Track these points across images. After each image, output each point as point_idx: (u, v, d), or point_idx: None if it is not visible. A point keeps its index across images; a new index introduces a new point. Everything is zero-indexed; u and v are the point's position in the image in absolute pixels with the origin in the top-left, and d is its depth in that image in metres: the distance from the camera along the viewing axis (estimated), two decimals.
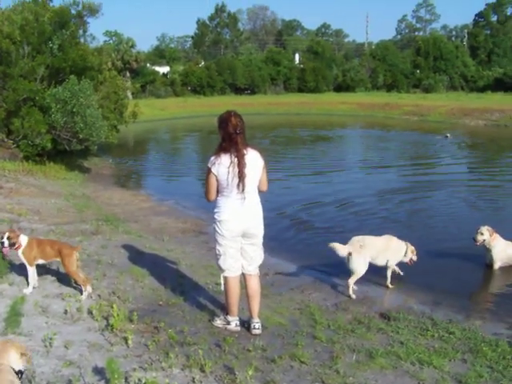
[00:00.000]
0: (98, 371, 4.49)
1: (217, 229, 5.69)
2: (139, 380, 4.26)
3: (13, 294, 6.20)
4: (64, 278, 6.91)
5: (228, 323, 5.89)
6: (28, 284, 6.38)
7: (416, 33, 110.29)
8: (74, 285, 6.67)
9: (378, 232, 8.87)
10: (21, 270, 6.97)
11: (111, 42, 65.68)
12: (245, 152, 5.49)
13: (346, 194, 15.98)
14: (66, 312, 5.83)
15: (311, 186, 18.14)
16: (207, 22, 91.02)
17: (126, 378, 4.35)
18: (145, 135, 38.13)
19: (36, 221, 10.64)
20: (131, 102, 25.25)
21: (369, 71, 75.96)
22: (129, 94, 42.26)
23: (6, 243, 6.23)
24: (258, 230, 5.74)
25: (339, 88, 74.60)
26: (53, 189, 15.16)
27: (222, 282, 5.98)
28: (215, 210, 5.70)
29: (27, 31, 17.58)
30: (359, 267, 8.05)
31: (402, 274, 8.67)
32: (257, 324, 5.82)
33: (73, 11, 20.03)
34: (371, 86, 74.47)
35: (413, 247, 8.63)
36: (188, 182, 19.62)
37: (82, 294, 6.37)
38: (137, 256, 8.61)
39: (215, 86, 69.10)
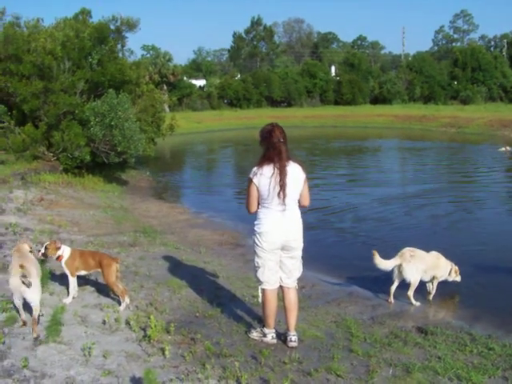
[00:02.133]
0: (136, 381, 4.54)
1: (256, 241, 5.70)
2: None
3: (53, 303, 6.31)
4: (103, 289, 7.01)
5: (264, 335, 5.88)
6: (68, 294, 6.49)
7: (453, 44, 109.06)
8: (113, 295, 6.75)
9: (417, 246, 8.77)
10: (61, 280, 7.11)
11: (148, 55, 66.67)
12: (287, 163, 5.52)
13: (387, 207, 15.91)
14: (104, 322, 5.90)
15: (349, 198, 18.05)
16: (243, 35, 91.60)
17: None
18: (181, 148, 38.48)
19: (75, 232, 10.80)
20: (168, 115, 25.55)
21: (405, 83, 75.40)
22: (166, 107, 42.74)
23: (42, 250, 6.50)
24: (298, 243, 5.72)
25: (376, 100, 74.26)
26: (91, 201, 15.39)
27: (260, 294, 5.97)
28: (255, 222, 5.70)
29: (68, 47, 17.97)
30: (414, 276, 8.10)
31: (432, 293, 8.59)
32: (293, 337, 5.80)
33: (112, 27, 20.41)
34: (408, 98, 73.95)
35: (457, 267, 8.58)
36: (224, 194, 19.69)
37: (120, 304, 6.45)
38: (174, 268, 8.67)
39: (251, 99, 69.46)
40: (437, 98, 72.02)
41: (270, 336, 5.86)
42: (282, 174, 5.46)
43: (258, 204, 5.66)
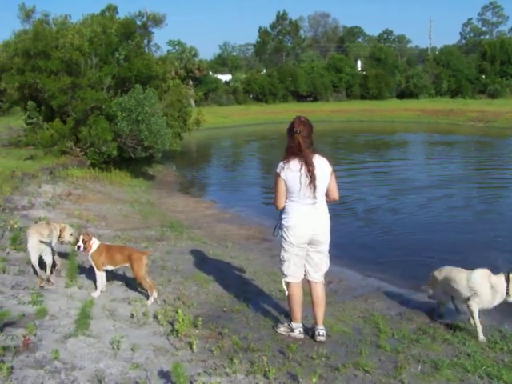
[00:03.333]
0: (164, 375, 4.55)
1: (284, 235, 5.68)
2: None
3: (82, 296, 6.37)
4: (130, 283, 7.06)
5: (292, 330, 5.87)
6: (96, 288, 6.54)
7: (482, 36, 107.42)
8: (140, 290, 6.80)
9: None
10: (90, 274, 7.17)
11: (174, 51, 66.86)
12: (312, 156, 5.50)
13: (418, 202, 15.81)
14: (132, 316, 5.94)
15: (377, 192, 17.98)
16: (269, 30, 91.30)
17: (190, 383, 4.39)
18: (207, 143, 38.57)
19: (103, 226, 10.90)
20: (194, 110, 25.58)
21: (432, 77, 74.50)
22: (192, 102, 42.83)
23: (82, 247, 6.45)
24: (325, 237, 5.70)
25: (402, 95, 73.53)
26: (118, 195, 15.51)
27: (285, 287, 5.93)
28: (283, 216, 5.68)
29: (95, 43, 18.11)
30: None
31: None
32: (321, 331, 5.77)
33: (138, 22, 20.44)
34: (435, 93, 73.03)
35: None
36: (251, 189, 19.69)
37: (147, 299, 6.48)
38: (201, 262, 8.71)
39: (277, 94, 69.28)
40: (464, 92, 71.01)
41: (298, 330, 5.84)
42: (310, 167, 5.43)
43: (286, 198, 5.63)
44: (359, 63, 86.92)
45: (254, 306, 6.71)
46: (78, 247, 6.43)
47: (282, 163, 5.55)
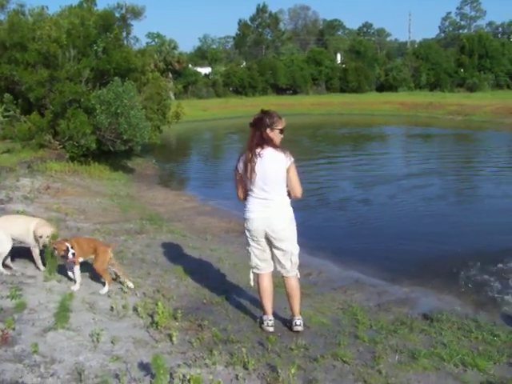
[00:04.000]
0: (144, 367, 4.57)
1: (244, 227, 5.73)
2: (184, 376, 4.31)
3: (61, 290, 6.34)
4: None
5: (262, 322, 5.88)
6: (75, 282, 6.52)
7: (460, 30, 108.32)
8: (119, 282, 6.81)
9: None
10: (67, 268, 7.16)
11: (153, 43, 66.49)
12: (260, 149, 5.45)
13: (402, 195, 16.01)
14: (112, 309, 5.94)
15: (354, 184, 18.13)
16: (249, 23, 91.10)
17: (170, 374, 4.41)
18: (187, 136, 38.47)
19: (82, 220, 10.84)
20: (174, 103, 25.50)
21: (411, 70, 74.97)
22: (171, 94, 42.66)
23: (71, 253, 6.30)
24: (282, 234, 5.57)
25: (382, 88, 73.90)
26: (97, 188, 15.43)
27: (251, 278, 5.93)
28: (244, 208, 5.72)
29: (73, 35, 17.93)
30: None
31: None
32: (298, 321, 5.79)
33: (117, 14, 20.34)
34: (414, 86, 73.53)
35: None
36: (231, 182, 19.62)
37: (125, 292, 6.49)
38: (180, 255, 8.73)
39: (257, 87, 69.27)
40: (443, 85, 71.62)
41: (266, 323, 5.82)
42: (251, 160, 5.43)
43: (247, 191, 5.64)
44: (339, 56, 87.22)
45: (234, 299, 6.76)
46: (73, 254, 6.30)
47: (240, 155, 5.60)
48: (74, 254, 6.28)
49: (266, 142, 5.45)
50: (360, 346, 5.60)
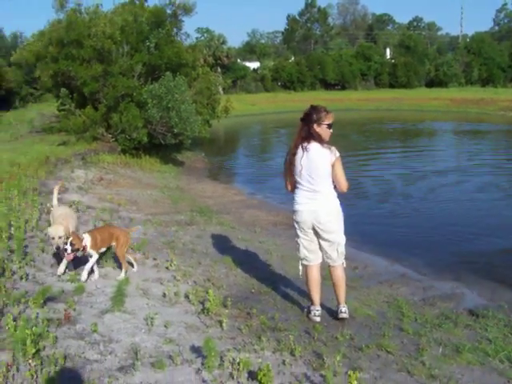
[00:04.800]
0: (195, 350, 4.79)
1: (293, 219, 5.91)
2: (233, 359, 4.52)
3: (116, 276, 6.64)
4: (161, 264, 7.35)
5: (309, 312, 6.02)
6: (91, 271, 6.52)
7: None
8: (171, 271, 7.08)
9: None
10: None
11: (203, 38, 67.05)
12: (306, 143, 5.60)
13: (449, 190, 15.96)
14: (164, 295, 6.20)
15: (403, 179, 18.12)
16: (297, 18, 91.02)
17: (220, 357, 4.62)
18: (235, 130, 38.80)
19: (134, 211, 11.19)
20: (223, 98, 25.78)
21: (463, 65, 73.73)
22: (220, 89, 43.03)
23: (69, 249, 6.08)
24: (328, 226, 5.71)
25: (431, 83, 72.99)
26: (148, 181, 15.82)
27: (300, 269, 6.10)
28: (292, 201, 5.89)
29: (127, 31, 18.43)
30: None
31: None
32: (343, 308, 5.91)
33: (168, 11, 20.74)
34: (465, 81, 72.33)
35: None
36: (278, 177, 19.77)
37: (176, 279, 6.73)
38: (230, 246, 8.95)
39: (305, 82, 69.30)
40: (496, 80, 70.20)
41: (313, 312, 5.96)
42: (300, 153, 5.60)
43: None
44: (388, 51, 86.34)
45: (281, 289, 6.92)
46: (65, 250, 6.07)
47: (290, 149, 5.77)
48: (65, 250, 6.09)
49: (312, 136, 5.60)
50: (404, 338, 5.69)
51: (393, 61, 77.69)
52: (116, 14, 19.34)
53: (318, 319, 5.92)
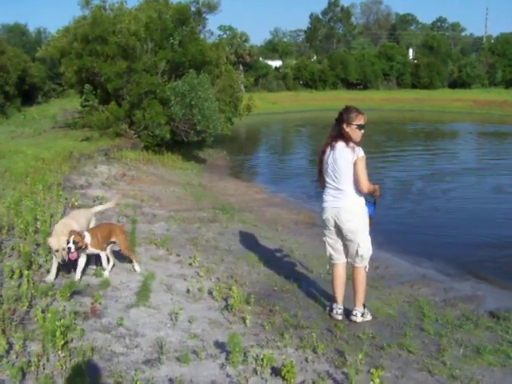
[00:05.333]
0: (219, 345, 4.85)
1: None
2: (257, 355, 4.57)
3: (140, 271, 6.72)
4: (185, 260, 7.42)
5: (331, 310, 6.08)
6: (107, 267, 6.49)
7: None
8: (195, 267, 7.14)
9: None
10: (145, 251, 7.57)
11: (225, 36, 67.18)
12: (334, 142, 5.68)
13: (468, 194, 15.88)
14: (188, 291, 6.27)
15: (424, 180, 18.05)
16: (320, 17, 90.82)
17: (244, 353, 4.67)
18: (257, 128, 38.84)
19: (157, 207, 11.28)
20: (245, 96, 25.83)
21: (486, 67, 73.03)
22: (242, 87, 43.11)
23: (73, 248, 5.87)
24: (349, 225, 5.73)
25: (454, 84, 72.46)
26: (171, 177, 15.91)
27: (328, 266, 6.19)
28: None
29: (151, 28, 18.56)
30: None
31: None
32: (354, 311, 5.95)
33: (192, 8, 20.85)
34: (488, 83, 71.64)
35: None
36: (300, 175, 19.83)
37: (199, 275, 6.79)
38: (252, 244, 8.99)
39: (327, 81, 69.21)
40: None
41: (335, 311, 6.02)
42: (327, 151, 5.72)
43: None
44: (411, 51, 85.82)
45: (304, 287, 6.96)
46: (69, 249, 5.85)
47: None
48: (69, 249, 5.87)
49: (341, 136, 5.65)
50: (425, 338, 5.71)
51: (415, 61, 77.32)
52: (140, 11, 19.47)
53: (339, 317, 5.98)
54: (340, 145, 5.63)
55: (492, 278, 8.60)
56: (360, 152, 5.59)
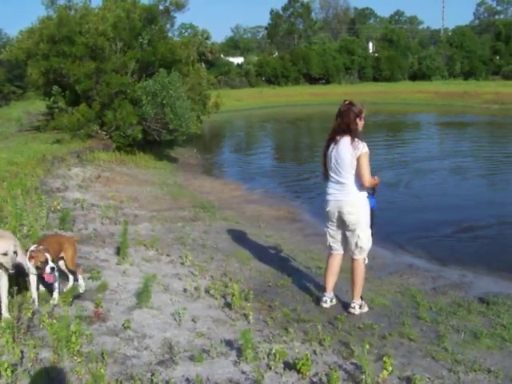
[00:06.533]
0: (227, 343, 4.88)
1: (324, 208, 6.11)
2: (269, 350, 4.60)
3: (134, 273, 6.70)
4: (176, 260, 7.43)
5: (320, 298, 6.25)
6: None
7: (496, 16, 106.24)
8: (187, 266, 7.15)
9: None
10: (135, 253, 7.54)
11: (186, 34, 66.92)
12: (339, 136, 5.79)
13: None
14: (185, 290, 6.28)
15: (400, 171, 18.35)
16: (281, 13, 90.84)
17: (254, 349, 4.70)
18: (224, 126, 38.81)
19: (137, 207, 11.22)
20: (213, 93, 25.77)
21: (445, 59, 74.12)
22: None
23: (49, 269, 5.10)
24: (351, 218, 5.85)
25: (414, 77, 73.30)
26: (145, 177, 15.83)
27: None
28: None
29: (119, 28, 18.36)
30: None
31: None
32: (352, 304, 6.08)
33: (161, 7, 20.71)
34: (448, 74, 72.68)
35: None
36: (272, 171, 19.94)
37: (193, 274, 6.79)
38: (238, 241, 9.03)
39: (289, 76, 69.40)
40: (478, 73, 70.49)
41: (324, 299, 6.19)
42: (331, 146, 5.83)
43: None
44: (371, 45, 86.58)
45: (296, 282, 7.02)
46: (52, 269, 5.10)
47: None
48: (53, 269, 5.11)
49: (346, 130, 5.77)
50: (423, 326, 5.85)
51: (376, 54, 77.94)
52: (107, 11, 19.23)
53: (326, 305, 6.17)
54: (345, 140, 5.74)
55: (476, 265, 8.79)
56: (364, 147, 5.72)
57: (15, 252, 4.86)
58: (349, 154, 5.70)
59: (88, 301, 5.55)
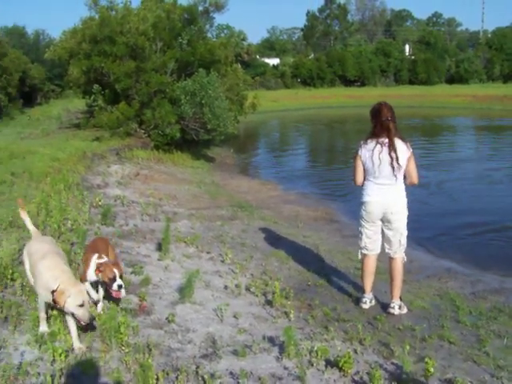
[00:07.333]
0: (269, 339, 4.95)
1: (360, 210, 6.11)
2: (311, 347, 4.66)
3: (176, 268, 6.83)
4: (216, 258, 7.53)
5: (360, 299, 6.27)
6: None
7: None
8: (228, 263, 7.24)
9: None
10: (175, 249, 7.65)
11: (223, 35, 67.14)
12: (386, 138, 5.83)
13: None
14: (226, 287, 6.38)
15: (441, 174, 18.10)
16: (317, 14, 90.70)
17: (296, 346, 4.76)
18: (259, 126, 38.86)
19: (175, 205, 11.36)
20: (250, 94, 25.87)
21: (484, 61, 73.10)
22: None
23: (116, 287, 4.93)
24: (397, 216, 5.96)
25: (452, 80, 72.43)
26: (183, 176, 15.99)
27: (359, 256, 6.32)
28: (361, 193, 6.11)
29: (159, 28, 18.62)
30: None
31: None
32: (392, 303, 6.09)
33: (200, 8, 20.92)
34: (486, 78, 71.67)
35: None
36: (309, 172, 19.95)
37: (234, 272, 6.87)
38: (277, 240, 9.08)
39: (325, 78, 69.28)
40: None
41: (364, 300, 6.21)
42: (380, 148, 5.82)
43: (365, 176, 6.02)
44: (407, 47, 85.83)
45: (335, 282, 7.06)
46: (119, 287, 4.93)
47: (361, 142, 6.01)
48: (120, 287, 4.93)
49: (391, 132, 5.86)
50: (463, 330, 5.81)
51: (412, 57, 77.30)
52: (147, 11, 19.48)
53: (365, 306, 6.19)
54: (398, 141, 5.84)
55: None
56: (411, 147, 5.89)
57: None
58: (402, 154, 5.80)
59: (131, 294, 5.68)
